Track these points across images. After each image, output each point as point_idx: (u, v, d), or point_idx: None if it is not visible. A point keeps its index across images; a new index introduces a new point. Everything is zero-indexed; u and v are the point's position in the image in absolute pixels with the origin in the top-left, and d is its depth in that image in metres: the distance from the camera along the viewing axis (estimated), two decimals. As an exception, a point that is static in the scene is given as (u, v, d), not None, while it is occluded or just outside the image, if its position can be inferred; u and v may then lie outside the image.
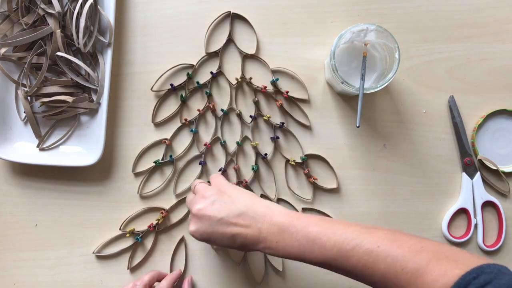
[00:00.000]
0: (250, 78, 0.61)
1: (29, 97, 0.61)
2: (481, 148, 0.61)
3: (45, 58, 0.58)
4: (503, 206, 0.61)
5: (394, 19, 0.62)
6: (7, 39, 0.58)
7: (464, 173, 0.61)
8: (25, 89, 0.60)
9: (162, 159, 0.62)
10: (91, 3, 0.57)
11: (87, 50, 0.58)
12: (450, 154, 0.62)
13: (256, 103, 0.62)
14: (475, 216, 0.61)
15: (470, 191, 0.61)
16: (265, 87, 0.61)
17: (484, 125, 0.61)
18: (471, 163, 0.61)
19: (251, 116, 0.61)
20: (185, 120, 0.61)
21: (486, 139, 0.62)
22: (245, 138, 0.62)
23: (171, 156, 0.61)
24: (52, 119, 0.61)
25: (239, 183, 0.61)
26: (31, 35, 0.57)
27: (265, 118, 0.61)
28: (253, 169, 0.62)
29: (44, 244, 0.62)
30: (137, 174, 0.62)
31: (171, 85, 0.61)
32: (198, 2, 0.62)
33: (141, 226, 0.62)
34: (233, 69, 0.62)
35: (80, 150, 0.61)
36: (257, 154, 0.62)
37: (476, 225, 0.61)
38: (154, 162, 0.61)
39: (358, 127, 0.54)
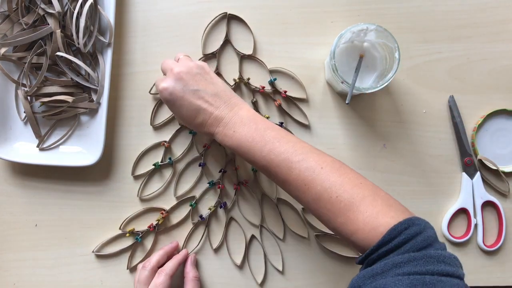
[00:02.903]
0: (248, 79, 0.61)
1: (29, 97, 0.61)
2: (481, 148, 0.61)
3: (45, 58, 0.58)
4: (503, 206, 0.61)
5: (394, 19, 0.62)
6: (7, 39, 0.58)
7: (464, 173, 0.61)
8: (25, 89, 0.60)
9: (162, 162, 0.61)
10: (91, 3, 0.57)
11: (87, 50, 0.58)
12: (450, 154, 0.62)
13: (255, 104, 0.62)
14: (475, 216, 0.61)
15: (470, 191, 0.61)
16: (263, 87, 0.61)
17: (484, 125, 0.61)
18: (471, 163, 0.61)
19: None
20: None
21: (486, 139, 0.62)
22: None
23: (170, 159, 0.61)
24: (52, 119, 0.61)
25: (240, 184, 0.61)
26: (31, 35, 0.57)
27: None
28: (253, 169, 0.62)
29: (44, 244, 0.62)
30: (136, 177, 0.62)
31: None
32: (197, 2, 0.62)
33: (141, 226, 0.62)
34: (230, 70, 0.62)
35: (80, 150, 0.61)
36: None
37: (476, 225, 0.61)
38: (154, 164, 0.61)
39: (348, 104, 0.54)
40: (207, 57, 0.62)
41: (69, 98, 0.59)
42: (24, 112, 0.60)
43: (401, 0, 0.62)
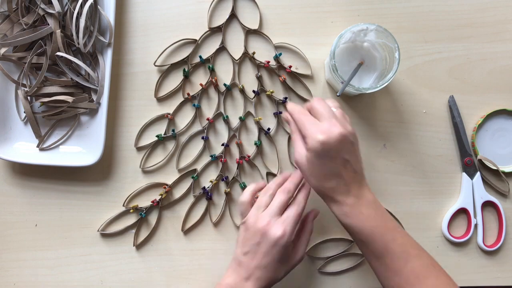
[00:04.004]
0: (253, 53, 0.61)
1: (29, 97, 0.61)
2: (481, 148, 0.61)
3: (45, 58, 0.58)
4: (503, 206, 0.61)
5: (394, 19, 0.62)
6: (7, 39, 0.58)
7: (464, 173, 0.61)
8: (25, 89, 0.60)
9: (165, 134, 0.62)
10: (91, 3, 0.57)
11: (87, 50, 0.58)
12: (450, 154, 0.62)
13: (259, 78, 0.62)
14: (475, 216, 0.61)
15: (470, 191, 0.61)
16: (268, 62, 0.61)
17: (484, 125, 0.61)
18: (471, 163, 0.61)
19: (254, 91, 0.61)
20: (188, 95, 0.61)
21: (486, 139, 0.62)
22: (248, 113, 0.62)
23: (173, 131, 0.61)
24: (52, 119, 0.61)
25: (242, 158, 0.61)
26: (31, 35, 0.57)
27: (268, 93, 0.61)
28: (255, 144, 0.62)
29: (44, 244, 0.62)
30: (139, 149, 0.62)
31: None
32: (197, 2, 0.62)
33: (144, 202, 0.62)
34: (236, 45, 0.62)
35: (80, 150, 0.61)
36: (260, 129, 0.62)
37: (476, 225, 0.61)
38: (157, 136, 0.61)
39: (338, 96, 0.55)
40: (212, 31, 0.62)
41: (69, 98, 0.59)
42: (24, 112, 0.60)
43: (401, 0, 0.62)
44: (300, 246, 0.54)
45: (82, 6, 0.57)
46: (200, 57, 0.62)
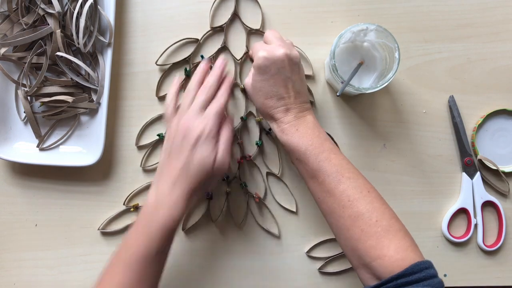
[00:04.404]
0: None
1: (29, 97, 0.61)
2: (481, 148, 0.61)
3: (45, 58, 0.58)
4: (503, 206, 0.61)
5: (394, 19, 0.62)
6: (7, 39, 0.58)
7: (464, 173, 0.61)
8: (25, 89, 0.60)
9: (166, 133, 0.62)
10: (91, 3, 0.57)
11: (87, 50, 0.58)
12: (450, 154, 0.62)
13: None
14: (475, 216, 0.61)
15: (470, 191, 0.61)
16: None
17: (484, 125, 0.61)
18: (471, 163, 0.61)
19: None
20: None
21: (486, 139, 0.62)
22: (249, 113, 0.62)
23: None
24: (52, 119, 0.61)
25: (243, 157, 0.61)
26: (31, 35, 0.57)
27: None
28: (257, 144, 0.62)
29: (44, 244, 0.62)
30: (140, 147, 0.62)
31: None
32: (198, 2, 0.62)
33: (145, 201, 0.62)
34: (238, 45, 0.62)
35: (80, 150, 0.61)
36: (261, 129, 0.62)
37: (476, 225, 0.61)
38: (158, 135, 0.61)
39: (338, 96, 0.56)
40: (214, 31, 0.62)
41: (69, 98, 0.59)
42: (24, 112, 0.60)
43: (401, 0, 0.62)
44: (221, 145, 0.49)
45: (82, 6, 0.57)
46: (202, 56, 0.62)
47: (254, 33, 0.62)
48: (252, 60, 0.54)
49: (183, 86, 0.62)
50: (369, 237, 0.45)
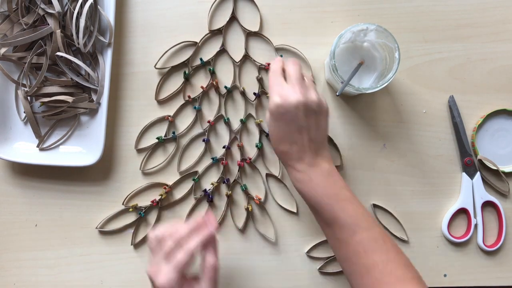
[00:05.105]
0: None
1: (29, 97, 0.61)
2: (481, 148, 0.61)
3: (45, 58, 0.58)
4: (503, 206, 0.61)
5: (394, 19, 0.62)
6: (7, 39, 0.58)
7: (464, 173, 0.61)
8: (25, 89, 0.60)
9: (165, 136, 0.62)
10: (91, 3, 0.57)
11: (87, 50, 0.58)
12: (450, 154, 0.62)
13: (260, 81, 0.62)
14: (475, 216, 0.61)
15: (470, 191, 0.61)
16: (269, 64, 0.61)
17: (484, 125, 0.61)
18: (471, 163, 0.61)
19: (254, 94, 0.61)
20: (189, 97, 0.61)
21: (486, 139, 0.62)
22: (248, 116, 0.62)
23: (174, 133, 0.61)
24: (52, 119, 0.61)
25: (243, 160, 0.61)
26: (31, 35, 0.57)
27: (268, 95, 0.61)
28: (257, 146, 0.62)
29: (44, 244, 0.62)
30: (139, 151, 0.62)
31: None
32: (198, 2, 0.62)
33: (144, 202, 0.62)
34: (236, 47, 0.62)
35: (80, 150, 0.61)
36: (261, 131, 0.62)
37: (476, 225, 0.61)
38: (157, 138, 0.61)
39: (338, 95, 0.55)
40: (213, 33, 0.62)
41: (69, 98, 0.59)
42: (24, 112, 0.60)
43: (401, 0, 0.62)
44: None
45: (82, 6, 0.57)
46: (201, 59, 0.62)
47: (252, 35, 0.62)
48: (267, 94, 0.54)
49: (182, 90, 0.62)
50: (383, 286, 0.45)
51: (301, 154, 0.49)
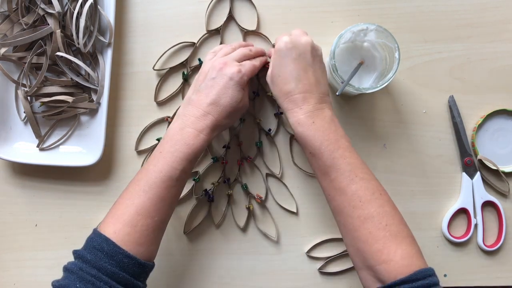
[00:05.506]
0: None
1: (29, 97, 0.61)
2: (481, 148, 0.61)
3: (45, 58, 0.58)
4: (503, 206, 0.61)
5: (394, 19, 0.62)
6: (7, 39, 0.58)
7: (464, 173, 0.61)
8: (25, 89, 0.60)
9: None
10: (91, 3, 0.57)
11: (87, 50, 0.58)
12: (450, 154, 0.62)
13: (259, 79, 0.62)
14: (475, 216, 0.61)
15: (470, 191, 0.61)
16: (268, 63, 0.61)
17: (484, 125, 0.61)
18: (471, 163, 0.61)
19: (254, 92, 0.61)
20: None
21: (486, 139, 0.62)
22: (248, 114, 0.62)
23: None
24: (52, 119, 0.61)
25: (243, 159, 0.61)
26: (31, 35, 0.57)
27: (268, 94, 0.61)
28: (257, 145, 0.62)
29: (44, 244, 0.62)
30: (140, 152, 0.62)
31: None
32: (198, 2, 0.62)
33: None
34: None
35: (80, 150, 0.61)
36: (261, 130, 0.62)
37: (476, 225, 0.61)
38: (157, 139, 0.61)
39: (338, 95, 0.56)
40: (210, 33, 0.62)
41: (69, 98, 0.59)
42: (24, 112, 0.60)
43: (401, 0, 0.62)
44: (247, 94, 0.54)
45: (82, 6, 0.57)
46: (199, 59, 0.61)
47: (251, 34, 0.62)
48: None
49: (181, 91, 0.62)
50: (377, 240, 0.45)
51: (307, 93, 0.49)
